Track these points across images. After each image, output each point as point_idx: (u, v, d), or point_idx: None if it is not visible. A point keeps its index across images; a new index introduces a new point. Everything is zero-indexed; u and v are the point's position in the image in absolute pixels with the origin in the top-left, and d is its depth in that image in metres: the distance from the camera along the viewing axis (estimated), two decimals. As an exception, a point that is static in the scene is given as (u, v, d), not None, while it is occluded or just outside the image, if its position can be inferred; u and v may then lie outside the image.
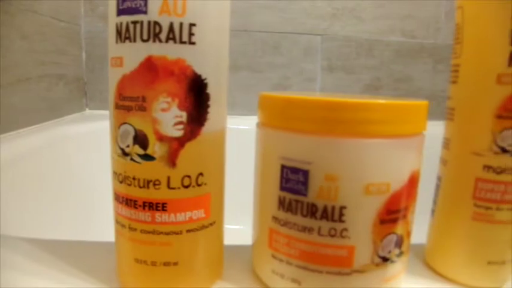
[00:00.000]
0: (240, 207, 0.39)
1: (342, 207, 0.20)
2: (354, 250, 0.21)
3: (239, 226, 0.44)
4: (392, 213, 0.21)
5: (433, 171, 0.27)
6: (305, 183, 0.20)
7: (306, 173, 0.20)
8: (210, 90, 0.21)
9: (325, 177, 0.20)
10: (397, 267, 0.22)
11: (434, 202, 0.27)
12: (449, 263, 0.25)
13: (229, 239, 0.26)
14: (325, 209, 0.20)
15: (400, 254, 0.22)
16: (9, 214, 0.36)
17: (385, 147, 0.20)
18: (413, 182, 0.22)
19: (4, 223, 0.34)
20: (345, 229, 0.20)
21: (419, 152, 0.22)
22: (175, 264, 0.22)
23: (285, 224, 0.21)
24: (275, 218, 0.22)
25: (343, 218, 0.20)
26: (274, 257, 0.22)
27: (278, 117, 0.22)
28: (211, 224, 0.22)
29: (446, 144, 0.25)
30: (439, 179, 0.26)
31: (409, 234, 0.23)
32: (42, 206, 0.44)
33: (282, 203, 0.21)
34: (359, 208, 0.20)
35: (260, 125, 0.23)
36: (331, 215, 0.20)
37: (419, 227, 0.27)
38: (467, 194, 0.24)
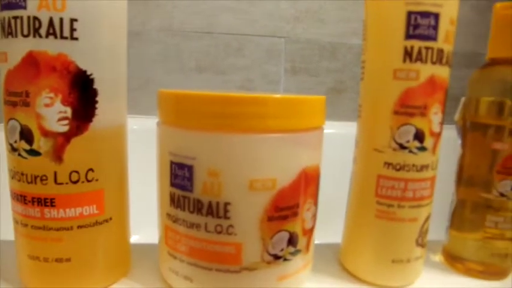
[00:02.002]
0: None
1: (227, 204, 0.20)
2: (241, 247, 0.20)
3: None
4: (282, 210, 0.21)
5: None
6: (190, 178, 0.20)
7: (190, 169, 0.20)
8: (98, 85, 0.21)
9: (208, 172, 0.20)
10: (294, 265, 0.22)
11: (347, 201, 0.26)
12: (357, 261, 0.25)
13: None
14: (210, 205, 0.20)
15: (296, 252, 0.22)
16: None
17: (268, 142, 0.20)
18: (307, 178, 0.21)
19: None
20: (231, 226, 0.20)
21: (315, 147, 0.22)
22: (68, 260, 0.21)
23: (176, 220, 0.21)
24: (168, 215, 0.22)
25: (228, 214, 0.20)
26: (169, 254, 0.22)
27: (170, 113, 0.21)
28: (106, 221, 0.22)
29: (357, 141, 0.25)
30: (351, 177, 0.26)
31: (307, 232, 0.22)
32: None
33: (172, 199, 0.21)
34: (244, 204, 0.20)
35: (158, 123, 0.23)
36: (216, 211, 0.20)
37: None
38: (371, 192, 0.24)
